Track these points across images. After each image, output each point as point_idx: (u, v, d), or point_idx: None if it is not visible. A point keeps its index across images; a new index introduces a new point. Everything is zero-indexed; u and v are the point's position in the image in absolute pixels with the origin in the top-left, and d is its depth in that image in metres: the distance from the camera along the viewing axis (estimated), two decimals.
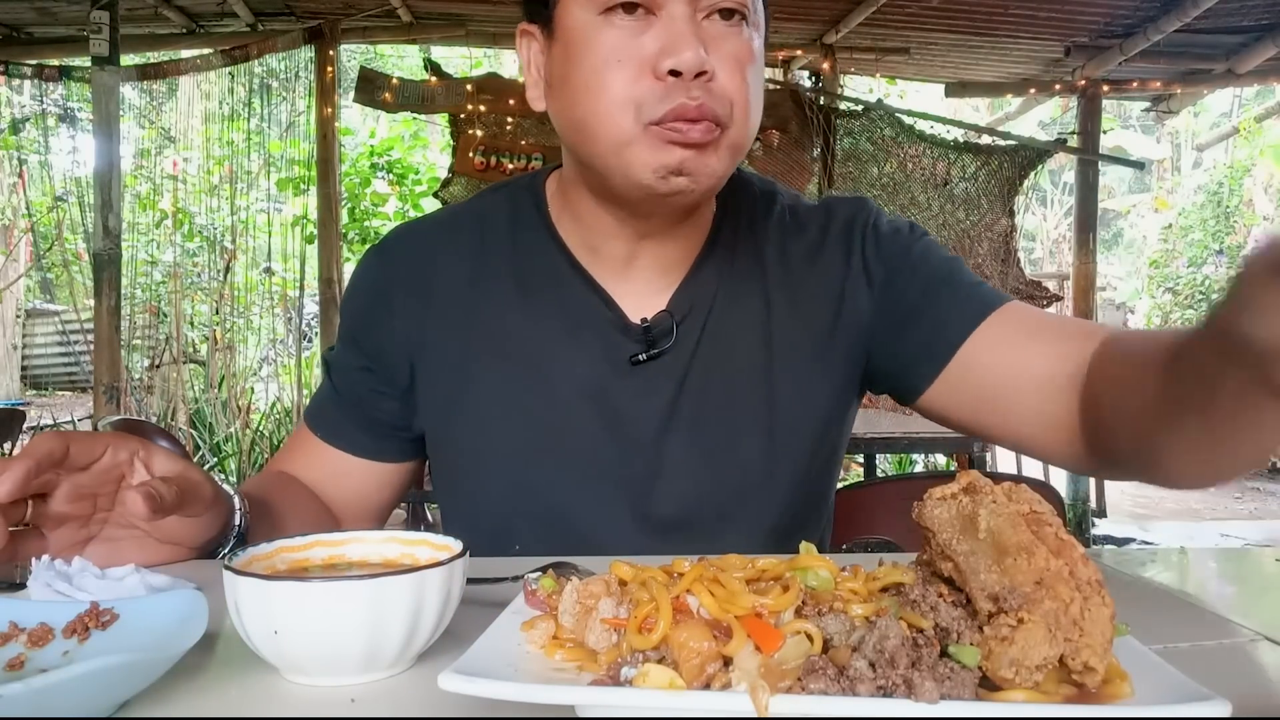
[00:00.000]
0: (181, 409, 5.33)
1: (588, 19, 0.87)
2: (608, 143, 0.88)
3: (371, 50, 8.74)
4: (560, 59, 0.91)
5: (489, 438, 0.99)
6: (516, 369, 0.99)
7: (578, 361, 0.99)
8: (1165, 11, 4.45)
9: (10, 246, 7.88)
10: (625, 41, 0.86)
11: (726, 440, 0.99)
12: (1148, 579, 0.86)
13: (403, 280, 1.03)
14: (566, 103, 0.91)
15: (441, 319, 1.01)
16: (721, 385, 0.99)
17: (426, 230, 1.07)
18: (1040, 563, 0.50)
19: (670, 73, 0.84)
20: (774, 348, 1.01)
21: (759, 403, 1.00)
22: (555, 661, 0.54)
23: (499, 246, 1.03)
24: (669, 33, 0.85)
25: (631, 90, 0.86)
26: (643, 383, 0.99)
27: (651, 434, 0.98)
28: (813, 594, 0.54)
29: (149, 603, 0.62)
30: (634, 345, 0.99)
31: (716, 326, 1.00)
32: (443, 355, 1.01)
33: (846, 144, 5.08)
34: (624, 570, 0.58)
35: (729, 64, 0.87)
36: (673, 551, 0.96)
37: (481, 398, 1.00)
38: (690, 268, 1.01)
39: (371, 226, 7.19)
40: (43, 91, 6.41)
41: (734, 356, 1.00)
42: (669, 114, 0.85)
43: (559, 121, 0.94)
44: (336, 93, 4.89)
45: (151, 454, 0.81)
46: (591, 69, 0.87)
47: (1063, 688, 0.49)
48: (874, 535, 1.60)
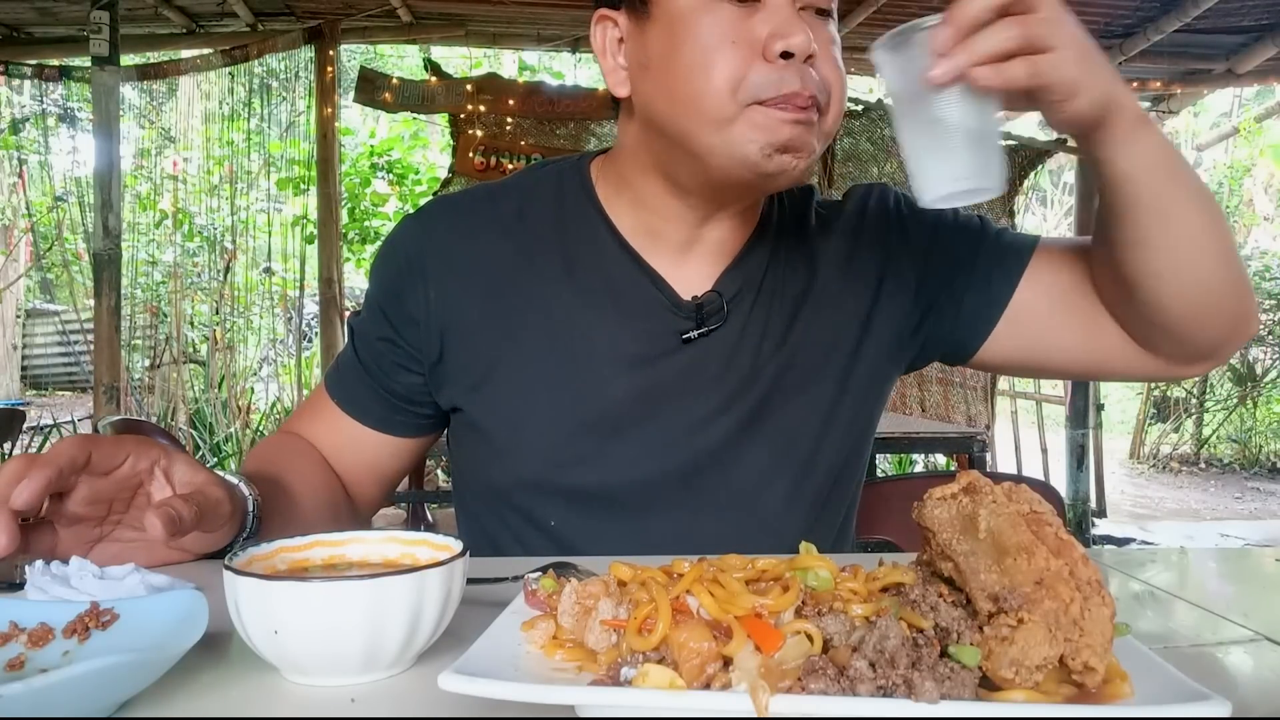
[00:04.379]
0: (181, 409, 5.33)
1: (695, 1, 0.89)
2: (709, 121, 0.88)
3: (371, 50, 8.74)
4: (662, 39, 0.91)
5: (531, 409, 0.99)
6: (561, 343, 0.99)
7: (624, 338, 0.99)
8: (1165, 11, 4.45)
9: (10, 246, 7.88)
10: (736, 23, 0.88)
11: (769, 418, 1.00)
12: (1148, 579, 0.86)
13: (441, 252, 1.02)
14: (664, 84, 0.91)
15: (481, 293, 1.01)
16: (766, 365, 1.01)
17: (468, 204, 1.06)
18: (1040, 563, 0.50)
19: (782, 55, 0.87)
20: (817, 328, 1.03)
21: (801, 382, 1.02)
22: (555, 661, 0.55)
23: (544, 224, 1.03)
24: (779, 16, 0.88)
25: (742, 70, 0.87)
26: (691, 360, 1.00)
27: (699, 410, 0.99)
28: (813, 594, 0.54)
29: (149, 603, 0.62)
30: (685, 323, 1.00)
31: (766, 308, 1.02)
32: (481, 329, 1.00)
33: (846, 144, 5.09)
34: (623, 571, 0.58)
35: (825, 52, 0.91)
36: (710, 528, 0.99)
37: (523, 371, 0.99)
38: (739, 252, 1.03)
39: (371, 226, 7.19)
40: (43, 91, 6.42)
41: (779, 337, 1.02)
42: (781, 96, 0.87)
43: (652, 104, 0.93)
44: (336, 93, 4.89)
45: (172, 463, 0.81)
46: (702, 49, 0.88)
47: (1063, 688, 0.49)
48: (874, 535, 1.61)
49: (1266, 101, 9.27)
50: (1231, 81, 5.37)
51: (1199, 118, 11.47)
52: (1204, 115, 11.61)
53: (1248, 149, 9.65)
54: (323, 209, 4.91)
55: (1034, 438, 5.95)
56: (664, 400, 0.98)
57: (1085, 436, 5.38)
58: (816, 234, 1.07)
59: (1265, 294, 8.12)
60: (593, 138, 4.90)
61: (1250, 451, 8.42)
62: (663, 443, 0.98)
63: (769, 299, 1.02)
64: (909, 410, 5.14)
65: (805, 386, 1.01)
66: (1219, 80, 5.30)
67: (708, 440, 0.99)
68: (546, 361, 0.99)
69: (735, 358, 1.00)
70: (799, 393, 1.01)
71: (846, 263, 1.05)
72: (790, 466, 1.01)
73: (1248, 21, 4.63)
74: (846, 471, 1.06)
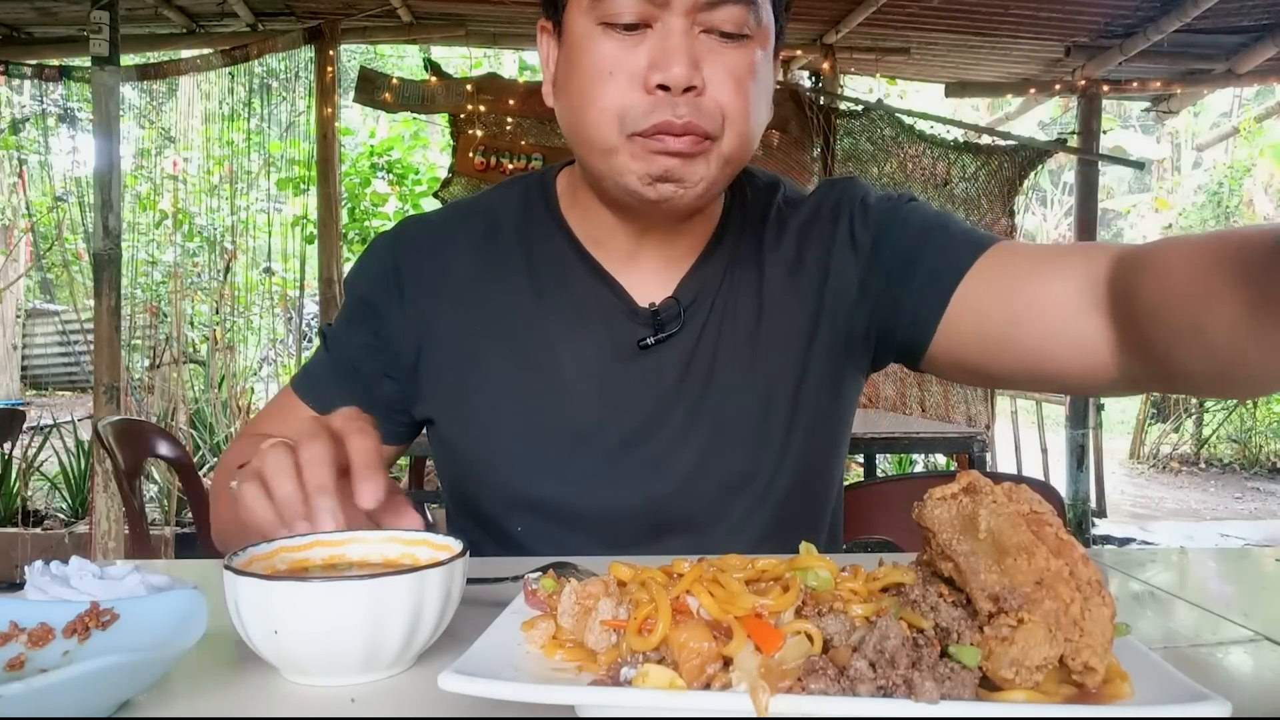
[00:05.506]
0: (181, 409, 5.33)
1: (588, 28, 0.89)
2: (597, 149, 0.90)
3: (371, 50, 8.73)
4: (564, 63, 0.94)
5: (497, 421, 1.00)
6: (525, 355, 1.01)
7: (585, 345, 1.00)
8: (1165, 11, 4.45)
9: (10, 246, 7.88)
10: (619, 54, 0.88)
11: (728, 422, 1.00)
12: (1148, 579, 0.86)
13: (414, 270, 1.04)
14: (565, 106, 0.94)
15: (452, 309, 1.03)
16: (724, 369, 1.01)
17: (438, 223, 1.09)
18: (1040, 563, 0.50)
19: (659, 87, 0.86)
20: (770, 329, 1.02)
21: (757, 384, 1.01)
22: (555, 662, 0.54)
23: (509, 239, 1.05)
24: (661, 48, 0.87)
25: (620, 101, 0.88)
26: (649, 367, 1.00)
27: (656, 417, 0.99)
28: (813, 594, 0.54)
29: (149, 603, 0.62)
30: (642, 330, 1.00)
31: (721, 312, 1.02)
32: (452, 343, 1.02)
33: (846, 144, 5.08)
34: (623, 571, 0.58)
35: (723, 79, 0.88)
36: (675, 533, 0.98)
37: (490, 383, 1.01)
38: (697, 257, 1.03)
39: (371, 226, 7.18)
40: (43, 91, 6.42)
41: (735, 341, 1.01)
42: (652, 128, 0.87)
43: (560, 121, 0.96)
44: (336, 93, 4.89)
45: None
46: (587, 78, 0.89)
47: (1063, 688, 0.49)
48: (874, 535, 1.60)
49: (1266, 101, 9.27)
50: (1231, 81, 5.37)
51: (1199, 118, 11.47)
52: (1204, 115, 11.61)
53: (1248, 149, 9.66)
54: (323, 209, 4.90)
55: (1034, 438, 5.95)
56: (625, 407, 0.99)
57: (1085, 436, 5.38)
58: (771, 236, 1.05)
59: None
60: None
61: (1250, 451, 8.42)
62: (624, 450, 0.98)
63: (725, 303, 1.02)
64: (909, 410, 5.13)
65: (763, 391, 1.01)
66: (1219, 80, 5.30)
67: (669, 447, 0.99)
68: (513, 375, 1.00)
69: (693, 363, 1.00)
70: (758, 398, 1.00)
71: (796, 262, 1.03)
72: (755, 473, 1.00)
73: (1248, 21, 4.63)
74: (818, 477, 1.05)
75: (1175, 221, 9.72)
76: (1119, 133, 11.97)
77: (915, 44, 5.08)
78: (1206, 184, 9.92)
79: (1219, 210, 9.00)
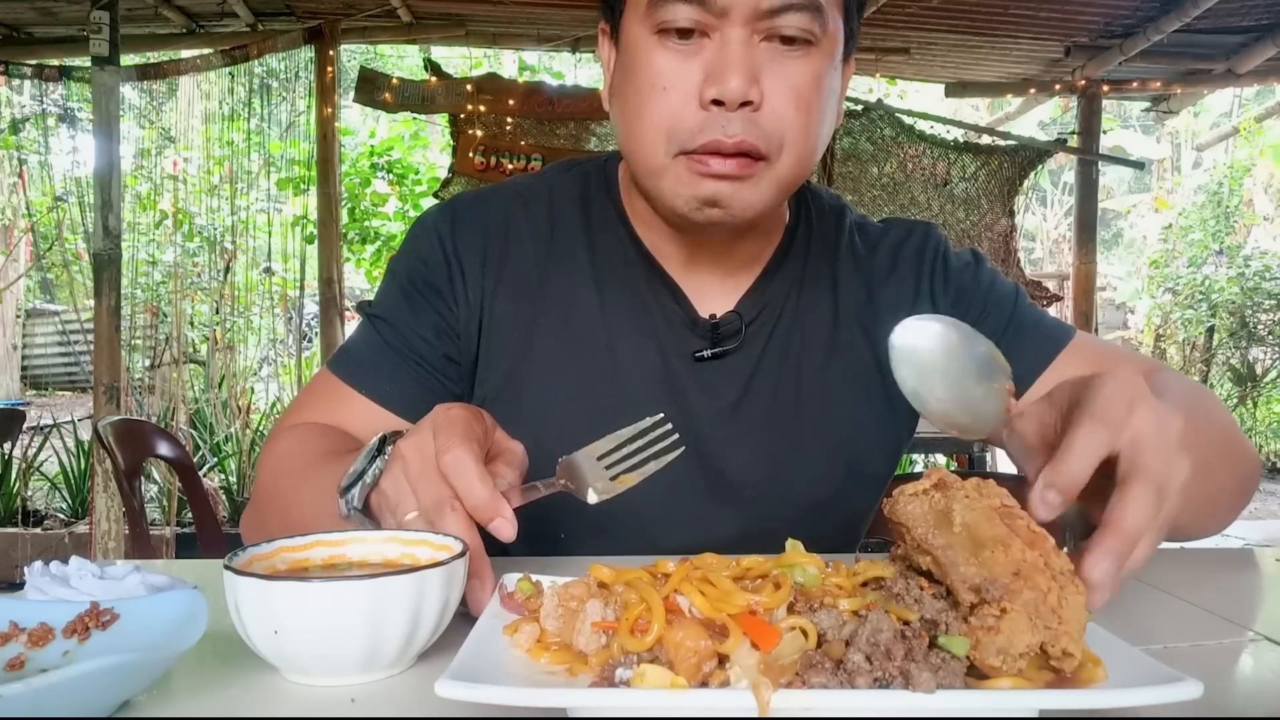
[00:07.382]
0: (181, 409, 5.33)
1: (643, 36, 0.85)
2: (644, 167, 0.87)
3: (371, 50, 8.73)
4: (620, 70, 0.89)
5: (548, 414, 0.97)
6: (584, 348, 0.97)
7: (646, 349, 0.97)
8: (1165, 11, 4.45)
9: (10, 246, 7.87)
10: (674, 65, 0.83)
11: (788, 446, 0.98)
12: (1148, 579, 0.86)
13: (474, 247, 1.00)
14: (619, 115, 0.90)
15: (512, 292, 0.99)
16: (787, 395, 0.98)
17: (498, 200, 1.04)
18: (1017, 554, 0.52)
19: (714, 101, 0.81)
20: (840, 362, 0.99)
21: (821, 413, 0.98)
22: (543, 665, 0.54)
23: (571, 224, 1.01)
24: (717, 59, 0.82)
25: (671, 117, 0.83)
26: (709, 380, 0.97)
27: (715, 433, 0.97)
28: (801, 590, 0.55)
29: (149, 603, 0.62)
30: (700, 341, 0.98)
31: (786, 333, 0.99)
32: (510, 325, 0.98)
33: (846, 144, 5.08)
34: (604, 572, 0.58)
35: (784, 93, 0.83)
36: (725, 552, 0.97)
37: (547, 373, 0.97)
38: (762, 271, 1.00)
39: (371, 226, 7.18)
40: (43, 91, 6.41)
41: (801, 365, 0.99)
42: (701, 146, 0.82)
43: (618, 132, 0.92)
44: (336, 93, 4.89)
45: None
46: (640, 90, 0.85)
47: (1042, 673, 0.50)
48: (873, 535, 1.60)
49: (1266, 101, 9.26)
50: (1231, 81, 5.36)
51: (1199, 118, 11.47)
52: (1204, 115, 11.62)
53: (1248, 149, 9.65)
54: (323, 209, 4.90)
55: None
56: (681, 419, 0.96)
57: None
58: (846, 267, 1.02)
59: (1265, 294, 8.11)
60: (593, 138, 4.90)
61: None
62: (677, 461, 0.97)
63: (792, 325, 0.99)
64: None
65: (822, 417, 0.98)
66: (1219, 80, 5.30)
67: (721, 462, 0.97)
68: (572, 366, 0.97)
69: (754, 384, 0.97)
70: (815, 423, 0.98)
71: (868, 302, 1.01)
72: (802, 508, 0.99)
73: (1248, 21, 4.63)
74: (860, 518, 1.05)
75: (1175, 221, 9.70)
76: (1119, 133, 11.96)
77: (915, 44, 5.07)
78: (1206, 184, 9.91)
79: (1219, 210, 8.99)
